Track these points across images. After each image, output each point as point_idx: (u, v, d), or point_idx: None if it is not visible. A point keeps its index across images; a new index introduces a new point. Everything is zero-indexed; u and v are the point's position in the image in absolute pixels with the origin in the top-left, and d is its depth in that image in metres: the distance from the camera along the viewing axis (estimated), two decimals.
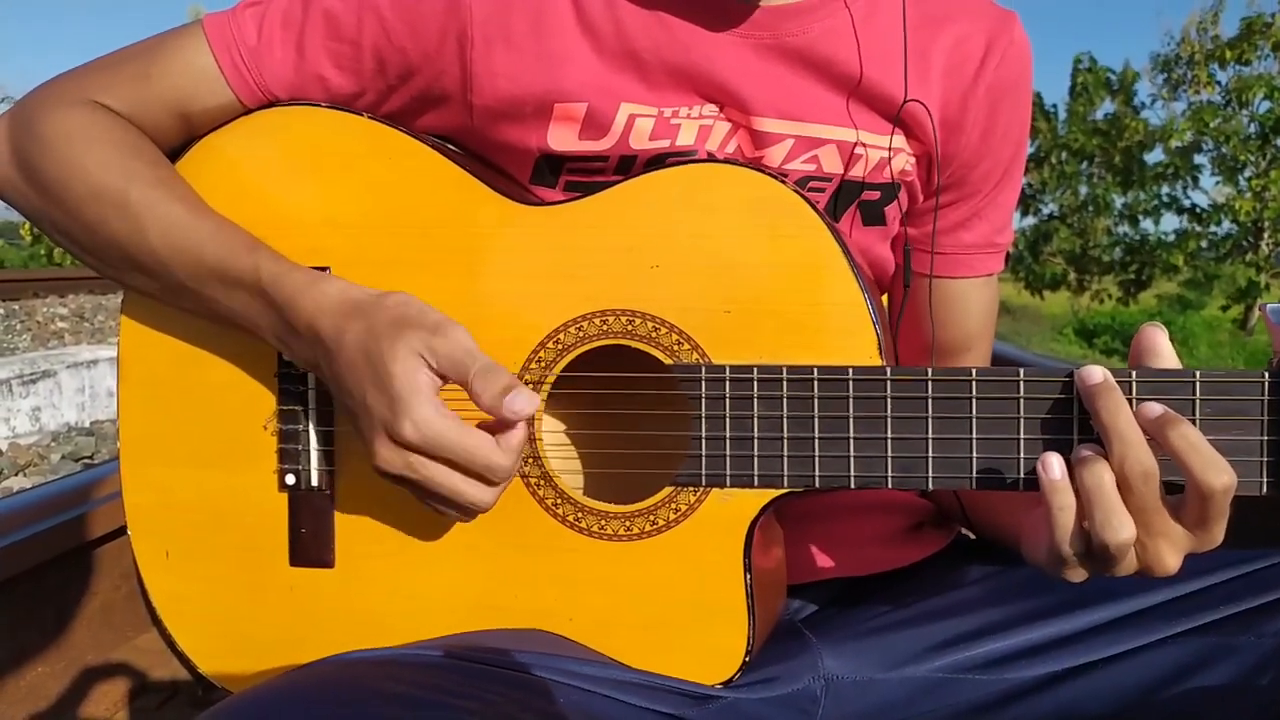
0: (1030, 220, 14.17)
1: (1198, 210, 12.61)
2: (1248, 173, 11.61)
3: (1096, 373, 0.60)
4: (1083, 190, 13.72)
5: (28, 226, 12.88)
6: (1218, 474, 0.56)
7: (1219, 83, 12.04)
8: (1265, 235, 11.53)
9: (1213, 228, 12.38)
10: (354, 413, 0.65)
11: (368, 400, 0.63)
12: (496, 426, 0.64)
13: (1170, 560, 0.59)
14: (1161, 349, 0.61)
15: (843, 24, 0.75)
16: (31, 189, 0.75)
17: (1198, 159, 12.38)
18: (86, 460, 3.55)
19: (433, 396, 0.62)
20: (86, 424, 4.04)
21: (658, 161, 0.74)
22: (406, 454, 0.62)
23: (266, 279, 0.68)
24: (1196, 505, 0.57)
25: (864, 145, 0.76)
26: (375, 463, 0.64)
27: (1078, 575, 0.61)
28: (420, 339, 0.63)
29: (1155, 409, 0.58)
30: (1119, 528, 0.57)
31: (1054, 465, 0.59)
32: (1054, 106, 13.73)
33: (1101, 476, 0.57)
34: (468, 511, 0.65)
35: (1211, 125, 11.60)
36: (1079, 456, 0.59)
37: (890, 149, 0.77)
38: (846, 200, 0.78)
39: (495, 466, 0.63)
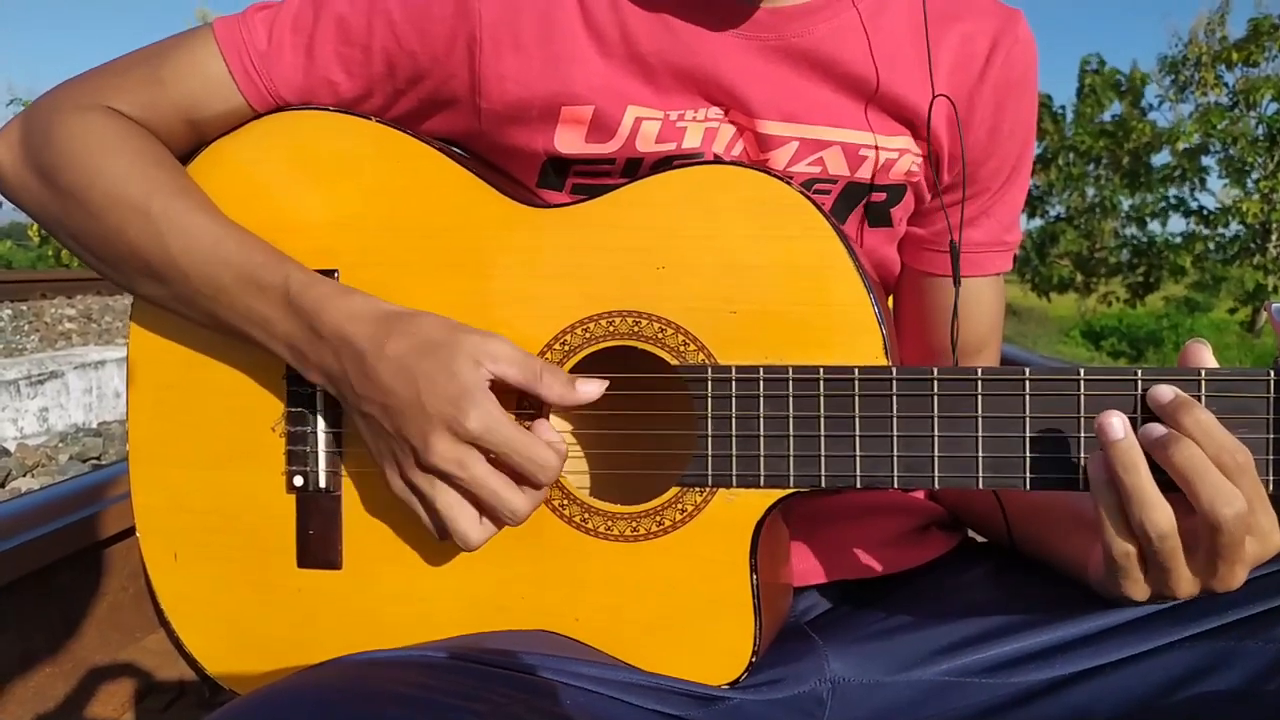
0: (1037, 222, 14.14)
1: (1205, 212, 12.56)
2: (1255, 175, 11.57)
3: (1167, 392, 0.60)
4: (1090, 192, 13.68)
5: (36, 227, 12.90)
6: (1231, 454, 0.57)
7: (1226, 85, 12.00)
8: (1273, 237, 11.49)
9: (1220, 230, 12.34)
10: (396, 413, 0.65)
11: (423, 399, 0.64)
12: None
13: (1241, 573, 0.59)
14: (1206, 363, 0.61)
15: (849, 24, 0.75)
16: (48, 194, 0.75)
17: (1205, 161, 12.34)
18: (94, 461, 3.56)
19: (493, 396, 0.65)
20: (94, 425, 4.05)
21: (664, 165, 0.74)
22: (462, 447, 0.64)
23: (295, 288, 0.69)
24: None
25: (870, 147, 0.76)
26: (426, 456, 0.64)
27: (1138, 586, 0.61)
28: (476, 344, 0.65)
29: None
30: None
31: (1117, 425, 0.59)
32: (1061, 108, 13.69)
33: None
34: (487, 526, 0.66)
35: (1219, 127, 11.57)
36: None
37: (895, 149, 0.77)
38: (852, 202, 0.78)
39: (548, 465, 0.65)
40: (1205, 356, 0.61)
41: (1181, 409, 0.58)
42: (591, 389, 0.67)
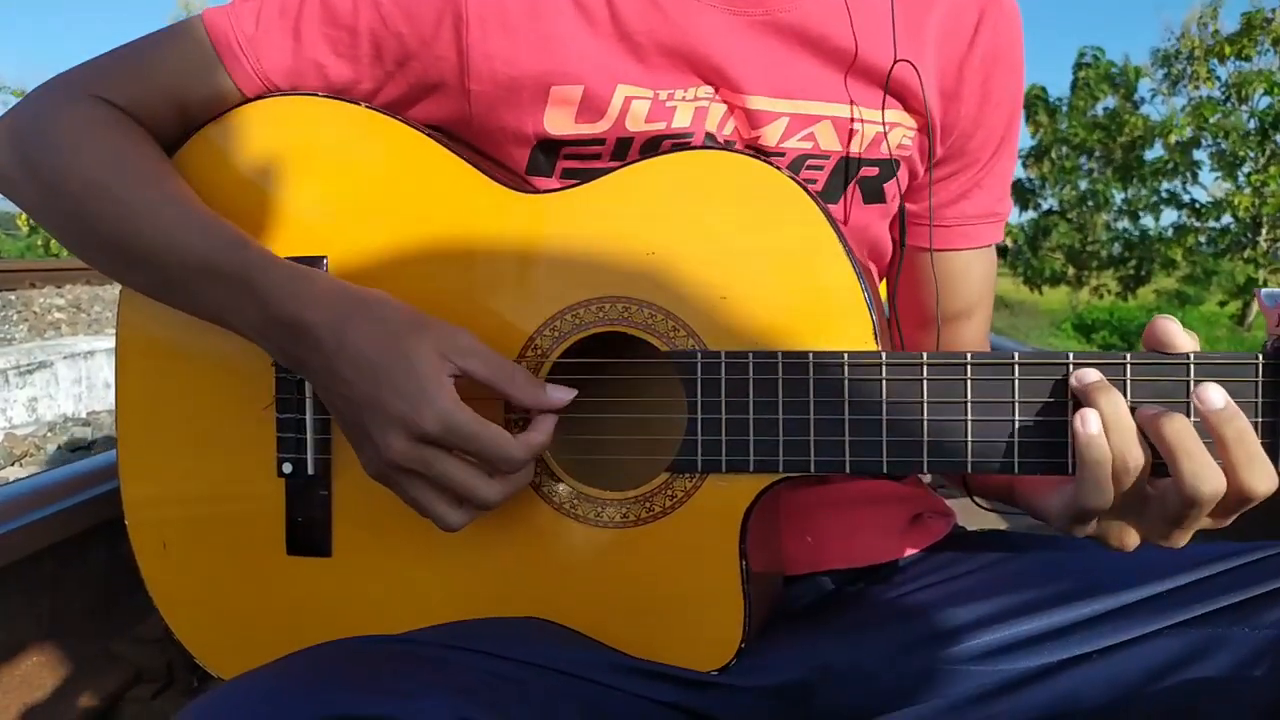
0: (1030, 215, 14.18)
1: (1197, 206, 12.61)
2: (1246, 168, 11.62)
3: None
4: (1082, 185, 13.72)
5: (24, 217, 12.82)
6: (1262, 478, 0.58)
7: (1219, 78, 12.04)
8: (1264, 231, 11.54)
9: (1211, 223, 12.39)
10: (356, 407, 0.64)
11: (381, 395, 0.63)
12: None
13: (1187, 539, 0.61)
14: (1176, 338, 0.61)
15: None
16: (32, 185, 0.75)
17: (1197, 154, 12.39)
18: (83, 451, 3.55)
19: (453, 391, 0.63)
20: (83, 415, 4.03)
21: (654, 144, 0.74)
22: (422, 447, 0.63)
23: (252, 272, 0.68)
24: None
25: (860, 120, 0.76)
26: (386, 455, 0.63)
27: (1089, 529, 0.62)
28: (444, 338, 0.64)
29: (1217, 399, 0.58)
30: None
31: (1091, 420, 0.59)
32: (1058, 100, 13.71)
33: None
34: (465, 510, 0.65)
35: (1211, 121, 11.61)
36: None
37: (886, 123, 0.77)
38: (845, 178, 0.78)
39: (510, 457, 0.64)
40: (1175, 332, 0.61)
41: (1227, 419, 0.58)
42: (561, 396, 0.66)
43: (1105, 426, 0.59)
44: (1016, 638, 0.71)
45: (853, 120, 0.76)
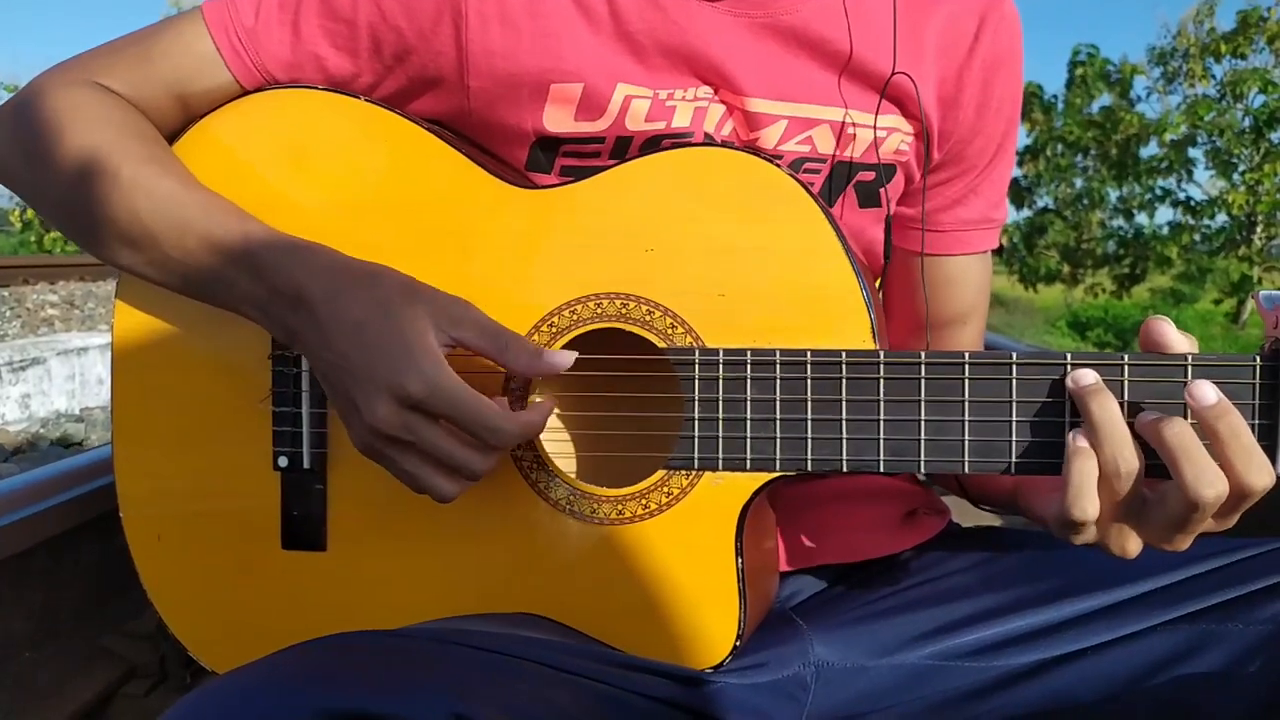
0: (1025, 213, 14.20)
1: (1192, 204, 12.64)
2: (1241, 167, 11.65)
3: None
4: (1077, 183, 13.74)
5: (18, 213, 12.79)
6: (1259, 473, 0.58)
7: (1214, 76, 12.06)
8: (1258, 229, 11.58)
9: (1206, 221, 12.42)
10: (344, 375, 0.64)
11: (369, 359, 0.62)
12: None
13: (1190, 542, 0.61)
14: (1171, 340, 0.61)
15: (835, 3, 0.75)
16: (30, 168, 0.75)
17: (1192, 152, 12.42)
18: (76, 447, 3.54)
19: (440, 357, 0.63)
20: (76, 411, 4.02)
21: (654, 144, 0.74)
22: (406, 413, 0.62)
23: (254, 245, 0.68)
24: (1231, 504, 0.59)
25: (857, 125, 0.76)
26: (370, 421, 0.63)
27: (1087, 537, 0.62)
28: (438, 307, 0.64)
29: (1210, 395, 0.58)
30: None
31: (1077, 434, 0.60)
32: (1054, 98, 13.72)
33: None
34: (457, 480, 0.65)
35: (1206, 119, 11.63)
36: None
37: (884, 128, 0.77)
38: (841, 182, 0.78)
39: (499, 429, 0.63)
40: (1169, 332, 0.61)
41: (1219, 415, 0.58)
42: (559, 359, 0.65)
43: (1097, 432, 0.59)
44: (1010, 634, 0.72)
45: (851, 125, 0.76)
